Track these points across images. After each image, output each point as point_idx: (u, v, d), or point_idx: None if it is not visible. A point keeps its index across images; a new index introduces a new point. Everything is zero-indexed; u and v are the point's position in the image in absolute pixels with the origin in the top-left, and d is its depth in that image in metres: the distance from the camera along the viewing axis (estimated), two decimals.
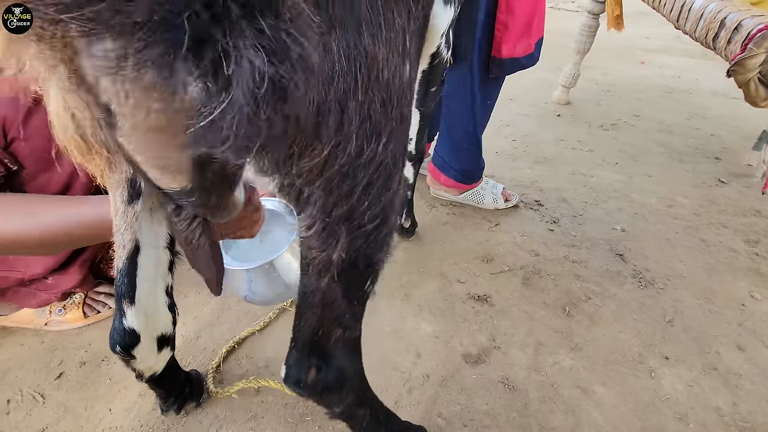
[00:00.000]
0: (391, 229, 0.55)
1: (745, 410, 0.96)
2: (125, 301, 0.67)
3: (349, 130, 0.41)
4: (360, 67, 0.39)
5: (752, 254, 1.41)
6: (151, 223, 0.65)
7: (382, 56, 0.41)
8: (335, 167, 0.43)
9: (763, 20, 0.77)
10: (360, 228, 0.50)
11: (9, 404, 0.94)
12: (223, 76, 0.27)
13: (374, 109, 0.43)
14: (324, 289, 0.55)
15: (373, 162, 0.46)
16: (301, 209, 0.48)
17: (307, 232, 0.49)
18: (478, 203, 1.57)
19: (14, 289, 1.04)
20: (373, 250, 0.54)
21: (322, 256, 0.51)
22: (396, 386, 0.99)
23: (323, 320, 0.59)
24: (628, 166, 1.89)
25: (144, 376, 0.77)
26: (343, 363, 0.63)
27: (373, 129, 0.44)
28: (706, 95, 2.58)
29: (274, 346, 1.07)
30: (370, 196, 0.48)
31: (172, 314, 0.75)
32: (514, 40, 1.22)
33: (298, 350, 0.62)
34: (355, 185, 0.46)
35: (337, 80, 0.38)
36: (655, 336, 1.13)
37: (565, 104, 2.44)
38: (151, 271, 0.68)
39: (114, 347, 0.70)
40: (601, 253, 1.39)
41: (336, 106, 0.39)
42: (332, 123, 0.39)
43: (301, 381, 0.62)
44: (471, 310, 1.19)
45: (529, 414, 0.95)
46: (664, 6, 1.19)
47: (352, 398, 0.68)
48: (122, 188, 0.59)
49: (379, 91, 0.42)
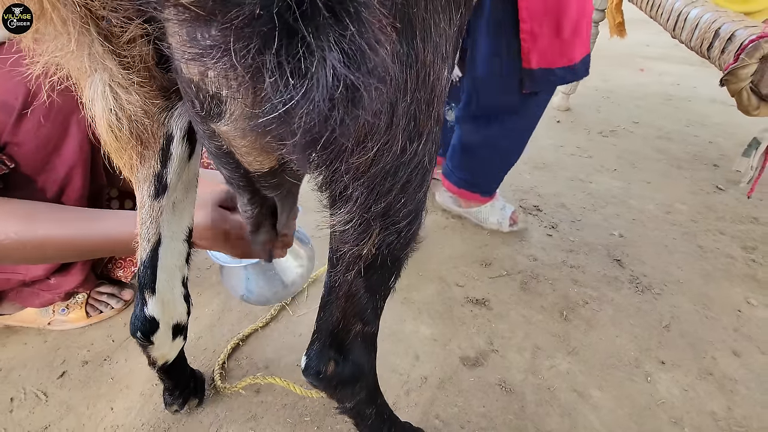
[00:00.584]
0: (420, 227, 0.57)
1: (740, 415, 0.97)
2: (147, 291, 0.69)
3: (397, 130, 0.43)
4: (411, 71, 0.41)
5: (749, 261, 1.42)
6: (173, 216, 0.67)
7: (429, 60, 0.43)
8: (380, 165, 0.45)
9: (756, 31, 0.79)
10: (394, 225, 0.52)
11: (12, 402, 0.95)
12: (303, 73, 0.28)
13: (420, 110, 0.45)
14: (351, 283, 0.57)
15: (413, 161, 0.48)
16: (341, 205, 0.49)
17: (344, 227, 0.50)
18: (481, 222, 1.51)
19: (17, 290, 1.05)
20: (402, 247, 0.56)
21: (354, 251, 0.53)
22: (394, 388, 1.00)
23: (346, 313, 0.61)
24: (626, 172, 1.90)
25: (157, 364, 0.79)
26: (360, 358, 0.65)
27: (416, 129, 0.46)
28: (704, 103, 2.60)
29: (274, 347, 1.08)
30: (407, 194, 0.50)
31: (186, 304, 0.77)
32: (546, 48, 1.11)
33: (321, 342, 0.63)
34: (395, 183, 0.48)
35: (391, 83, 0.40)
36: (651, 341, 1.14)
37: (564, 110, 2.46)
38: (171, 262, 0.70)
39: (135, 333, 0.72)
40: (598, 259, 1.41)
41: (388, 107, 0.41)
42: (384, 122, 0.41)
43: (320, 373, 0.63)
44: (469, 313, 1.20)
45: (526, 417, 0.96)
46: (661, 16, 1.21)
47: (364, 395, 0.69)
48: (149, 183, 0.61)
49: (424, 93, 0.44)
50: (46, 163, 0.88)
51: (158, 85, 0.49)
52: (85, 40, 0.41)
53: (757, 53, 0.76)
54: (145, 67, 0.45)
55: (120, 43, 0.42)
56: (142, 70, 0.45)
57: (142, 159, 0.57)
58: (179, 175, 0.62)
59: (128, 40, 0.42)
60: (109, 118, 0.48)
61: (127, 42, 0.43)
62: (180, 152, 0.59)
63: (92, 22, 0.40)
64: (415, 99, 0.43)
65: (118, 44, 0.42)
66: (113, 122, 0.49)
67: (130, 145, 0.53)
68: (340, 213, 0.49)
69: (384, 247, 0.54)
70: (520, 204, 1.65)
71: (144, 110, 0.49)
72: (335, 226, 0.51)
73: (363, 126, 0.38)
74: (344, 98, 0.30)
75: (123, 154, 0.55)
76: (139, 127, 0.51)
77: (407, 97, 0.42)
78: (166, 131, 0.56)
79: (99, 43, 0.41)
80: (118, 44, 0.42)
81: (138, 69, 0.45)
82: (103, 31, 0.41)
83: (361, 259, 0.54)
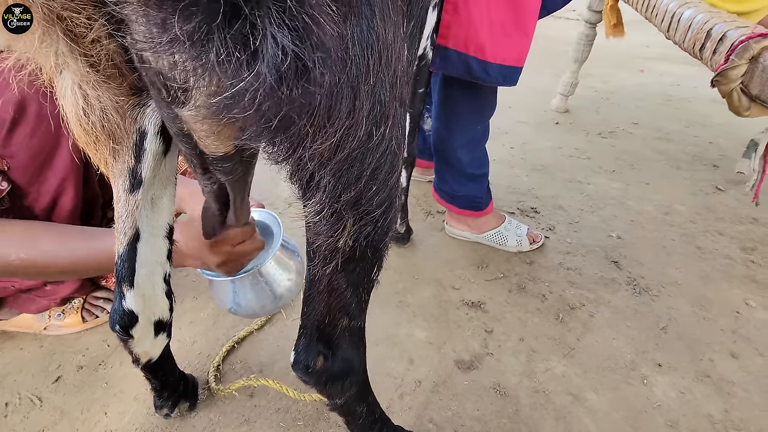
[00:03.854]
0: (396, 215, 0.57)
1: (738, 418, 0.96)
2: (125, 285, 0.69)
3: (360, 114, 0.42)
4: (372, 51, 0.40)
5: (748, 262, 1.41)
6: (152, 213, 0.68)
7: (390, 39, 0.42)
8: (345, 151, 0.44)
9: (746, 31, 0.78)
10: (368, 214, 0.51)
11: (7, 407, 0.95)
12: (251, 49, 0.29)
13: (383, 92, 0.44)
14: (330, 276, 0.57)
15: (380, 146, 0.47)
16: (311, 195, 0.49)
17: (315, 218, 0.50)
18: (500, 245, 1.44)
19: (14, 296, 1.06)
20: (379, 236, 0.55)
21: (329, 243, 0.52)
22: (388, 392, 1.00)
23: (330, 308, 0.60)
24: (625, 173, 1.90)
25: (140, 362, 0.79)
26: (349, 354, 0.65)
27: (381, 112, 0.45)
28: (705, 103, 2.59)
29: (268, 351, 1.08)
30: (377, 181, 0.49)
31: (169, 301, 0.78)
32: (465, 30, 0.97)
33: (307, 337, 0.63)
34: (363, 170, 0.47)
35: (351, 64, 0.39)
36: (648, 343, 1.13)
37: (563, 112, 2.45)
38: (151, 258, 0.71)
39: (113, 326, 0.72)
40: (596, 261, 1.40)
41: (349, 90, 0.40)
42: (345, 106, 0.40)
43: (309, 367, 0.63)
44: (465, 316, 1.20)
45: (520, 420, 0.95)
46: (655, 17, 1.20)
47: (354, 391, 0.69)
48: (124, 177, 0.61)
49: (386, 74, 0.43)
50: (39, 175, 0.89)
51: (128, 82, 0.49)
52: (51, 39, 0.42)
53: (746, 54, 0.76)
54: (113, 65, 0.46)
55: (85, 42, 0.43)
56: (110, 68, 0.46)
57: (115, 154, 0.58)
58: (154, 170, 0.63)
59: (92, 39, 0.43)
60: (79, 114, 0.49)
61: (91, 42, 0.43)
62: (154, 148, 0.59)
63: (57, 22, 0.41)
64: (378, 81, 0.42)
65: (84, 44, 0.43)
66: (82, 118, 0.49)
67: (101, 141, 0.54)
68: (311, 203, 0.49)
69: (362, 239, 0.53)
70: (518, 206, 1.65)
71: (114, 107, 0.50)
72: (308, 216, 0.50)
73: (321, 107, 0.38)
74: (291, 72, 0.31)
75: (96, 149, 0.55)
76: (110, 123, 0.52)
77: (370, 79, 0.41)
78: (139, 127, 0.56)
79: (64, 43, 0.42)
80: (83, 44, 0.43)
81: (105, 67, 0.45)
82: (68, 30, 0.42)
83: (339, 252, 0.53)
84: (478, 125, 1.29)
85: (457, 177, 1.36)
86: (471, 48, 0.99)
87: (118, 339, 0.75)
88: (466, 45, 0.99)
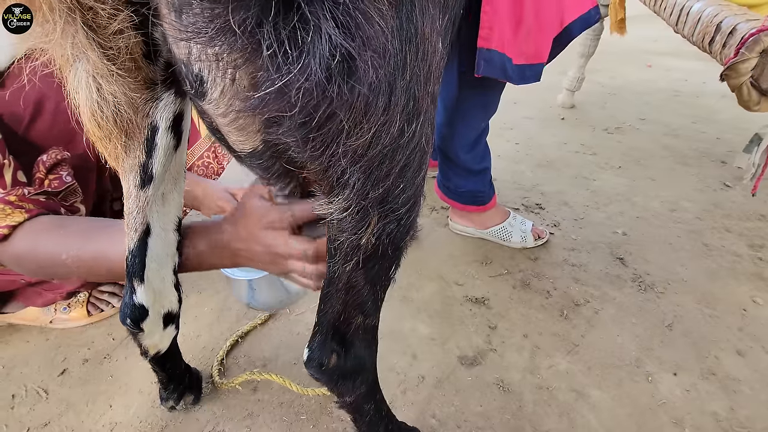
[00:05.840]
0: (419, 213, 0.56)
1: (743, 416, 0.95)
2: (136, 279, 0.70)
3: (395, 110, 0.41)
4: (410, 44, 0.39)
5: (756, 259, 1.39)
6: (163, 208, 0.68)
7: (427, 32, 0.41)
8: (378, 147, 0.43)
9: (757, 24, 0.77)
10: (394, 212, 0.51)
11: (14, 399, 0.96)
12: (300, 43, 0.28)
13: (418, 87, 0.43)
14: (350, 274, 0.56)
15: (411, 143, 0.46)
16: (338, 192, 0.47)
17: (341, 215, 0.49)
18: (504, 241, 1.43)
19: (21, 289, 1.07)
20: (401, 234, 0.54)
21: (352, 240, 0.51)
22: (391, 387, 1.00)
23: (346, 305, 0.60)
24: (631, 169, 1.88)
25: (149, 354, 0.80)
26: (362, 352, 0.65)
27: (414, 108, 0.43)
28: (713, 98, 2.56)
29: (272, 345, 1.09)
30: (405, 179, 0.48)
31: (177, 293, 0.78)
32: (500, 33, 0.97)
33: (322, 334, 0.63)
34: (393, 167, 0.46)
35: (389, 59, 0.38)
36: (653, 340, 1.12)
37: (569, 108, 2.43)
38: (162, 251, 0.71)
39: (124, 320, 0.72)
40: (601, 257, 1.39)
41: (386, 86, 0.39)
42: (382, 102, 0.39)
43: (323, 365, 0.63)
44: (468, 312, 1.20)
45: (523, 416, 0.95)
46: (664, 10, 1.19)
47: (364, 389, 0.69)
48: (135, 173, 0.61)
49: (422, 69, 0.42)
50: None
51: (143, 76, 0.49)
52: (70, 29, 0.41)
53: (757, 47, 0.75)
54: (131, 58, 0.45)
55: (106, 34, 0.42)
56: (128, 62, 0.45)
57: (126, 149, 0.58)
58: (165, 165, 0.62)
59: (115, 31, 0.42)
60: (93, 108, 0.48)
61: (113, 33, 0.42)
62: (165, 143, 0.59)
63: (79, 11, 0.40)
64: (414, 76, 0.41)
65: (104, 35, 0.42)
66: (96, 112, 0.49)
67: (113, 135, 0.53)
68: (338, 200, 0.48)
69: (384, 236, 0.52)
70: (523, 202, 1.64)
71: (128, 101, 0.49)
72: (333, 214, 0.49)
73: (360, 103, 0.36)
74: (341, 69, 0.30)
75: (107, 143, 0.55)
76: (122, 117, 0.51)
77: (406, 74, 0.40)
78: (151, 122, 0.56)
79: (83, 34, 0.41)
80: (104, 35, 0.42)
81: (123, 60, 0.45)
82: (88, 21, 0.41)
83: (360, 249, 0.52)
84: (482, 123, 1.29)
85: (460, 173, 1.35)
86: (508, 49, 1.00)
87: (128, 332, 0.75)
88: (504, 46, 0.99)
